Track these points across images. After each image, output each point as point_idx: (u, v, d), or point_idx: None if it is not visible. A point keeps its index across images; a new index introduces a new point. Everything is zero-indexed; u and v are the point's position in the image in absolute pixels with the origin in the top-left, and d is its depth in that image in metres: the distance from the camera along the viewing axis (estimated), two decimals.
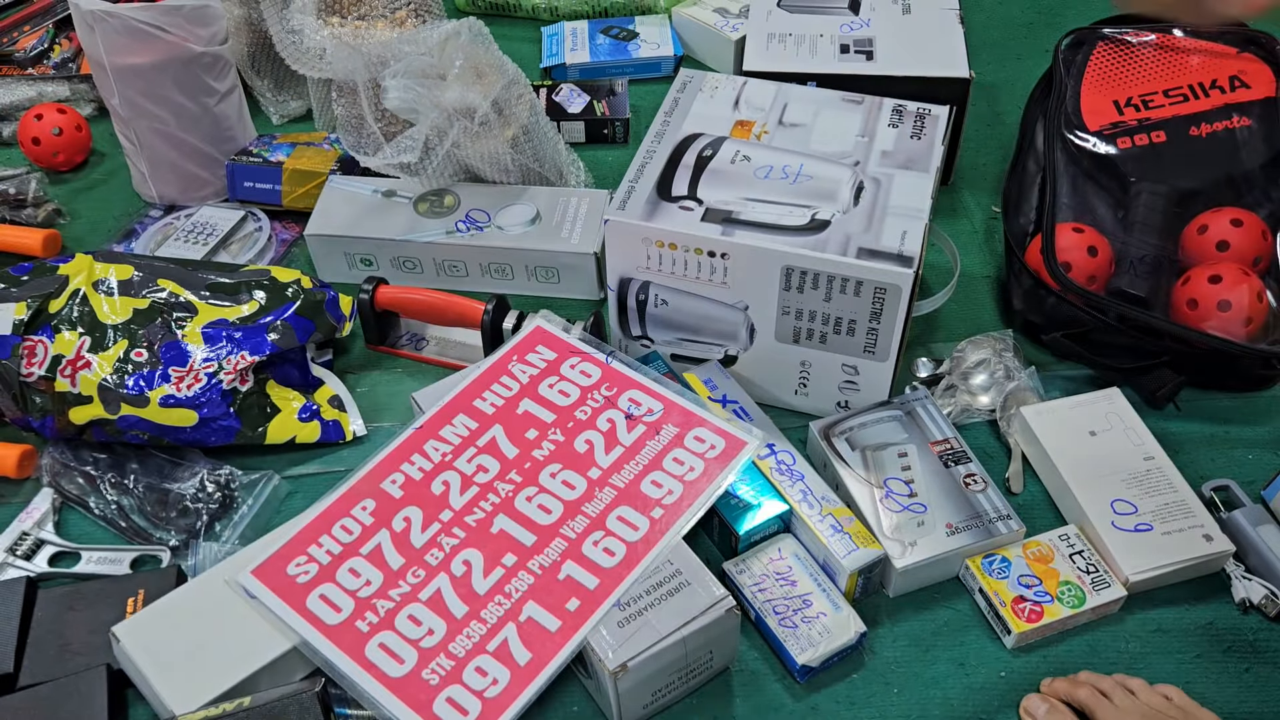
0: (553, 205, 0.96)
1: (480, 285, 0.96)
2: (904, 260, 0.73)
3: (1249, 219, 0.86)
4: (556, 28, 1.25)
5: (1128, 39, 0.96)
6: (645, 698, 0.65)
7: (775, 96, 0.88)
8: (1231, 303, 0.81)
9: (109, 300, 0.82)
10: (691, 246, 0.77)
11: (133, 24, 0.92)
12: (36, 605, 0.71)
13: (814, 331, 0.79)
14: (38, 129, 1.07)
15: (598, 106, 1.12)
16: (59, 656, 0.68)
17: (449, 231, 0.94)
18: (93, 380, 0.78)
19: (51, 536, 0.77)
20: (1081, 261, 0.85)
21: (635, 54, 1.20)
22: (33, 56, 1.18)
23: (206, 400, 0.79)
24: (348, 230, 0.95)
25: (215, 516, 0.78)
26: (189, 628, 0.66)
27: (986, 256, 0.99)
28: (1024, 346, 0.89)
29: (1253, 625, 0.72)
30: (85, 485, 0.80)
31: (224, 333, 0.82)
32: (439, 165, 0.94)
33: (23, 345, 0.79)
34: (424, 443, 0.74)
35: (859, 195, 0.79)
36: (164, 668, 0.64)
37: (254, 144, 1.05)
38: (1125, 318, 0.84)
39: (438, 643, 0.64)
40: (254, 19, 1.09)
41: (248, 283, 0.85)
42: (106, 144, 1.11)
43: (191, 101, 0.99)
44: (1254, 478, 0.80)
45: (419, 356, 0.91)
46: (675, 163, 0.82)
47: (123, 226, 1.04)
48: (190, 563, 0.75)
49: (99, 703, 0.65)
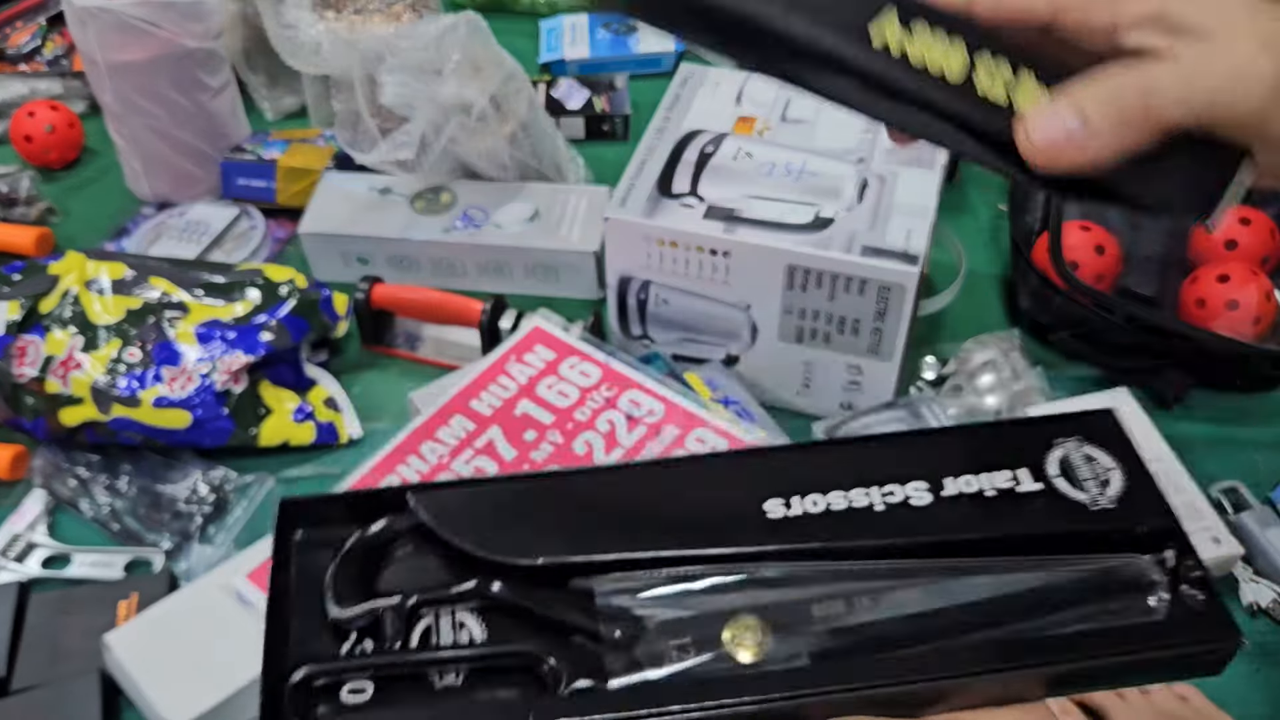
0: (551, 202, 0.95)
1: (478, 284, 0.95)
2: (909, 259, 0.73)
3: (1257, 217, 0.85)
4: (555, 22, 1.24)
5: None
6: None
7: (778, 92, 0.87)
8: (1240, 302, 0.80)
9: (101, 299, 0.81)
10: (693, 245, 0.76)
11: (126, 20, 0.91)
12: (29, 609, 0.70)
13: (817, 331, 0.78)
14: (30, 126, 1.06)
15: (597, 102, 1.11)
16: (51, 661, 0.68)
17: (446, 229, 0.93)
18: (84, 381, 0.77)
19: (44, 539, 0.76)
20: (1089, 260, 0.84)
21: (635, 49, 1.19)
22: (25, 53, 1.17)
23: (200, 401, 0.78)
24: (343, 228, 0.94)
25: (209, 519, 0.77)
26: (182, 636, 0.65)
27: (992, 255, 0.98)
28: (1030, 346, 0.88)
29: (1261, 628, 0.71)
30: (78, 487, 0.79)
31: (217, 333, 0.81)
32: (436, 162, 0.93)
33: (14, 345, 0.78)
34: (420, 444, 0.73)
35: (863, 193, 0.78)
36: (157, 676, 0.63)
37: (248, 141, 1.04)
38: (1133, 317, 0.83)
39: None
40: (248, 14, 1.08)
41: (241, 282, 0.84)
42: (99, 141, 1.10)
43: (185, 98, 0.98)
44: (1262, 479, 0.79)
45: (415, 356, 0.90)
46: (676, 159, 0.81)
47: (115, 225, 1.03)
48: (183, 566, 0.74)
49: (92, 708, 0.64)
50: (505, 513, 0.42)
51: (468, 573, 0.40)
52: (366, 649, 0.39)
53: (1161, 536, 0.41)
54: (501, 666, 0.39)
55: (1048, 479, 0.42)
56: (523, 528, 0.41)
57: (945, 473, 0.42)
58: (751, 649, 0.38)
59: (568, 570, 0.40)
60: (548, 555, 0.40)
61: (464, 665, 0.39)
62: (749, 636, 0.38)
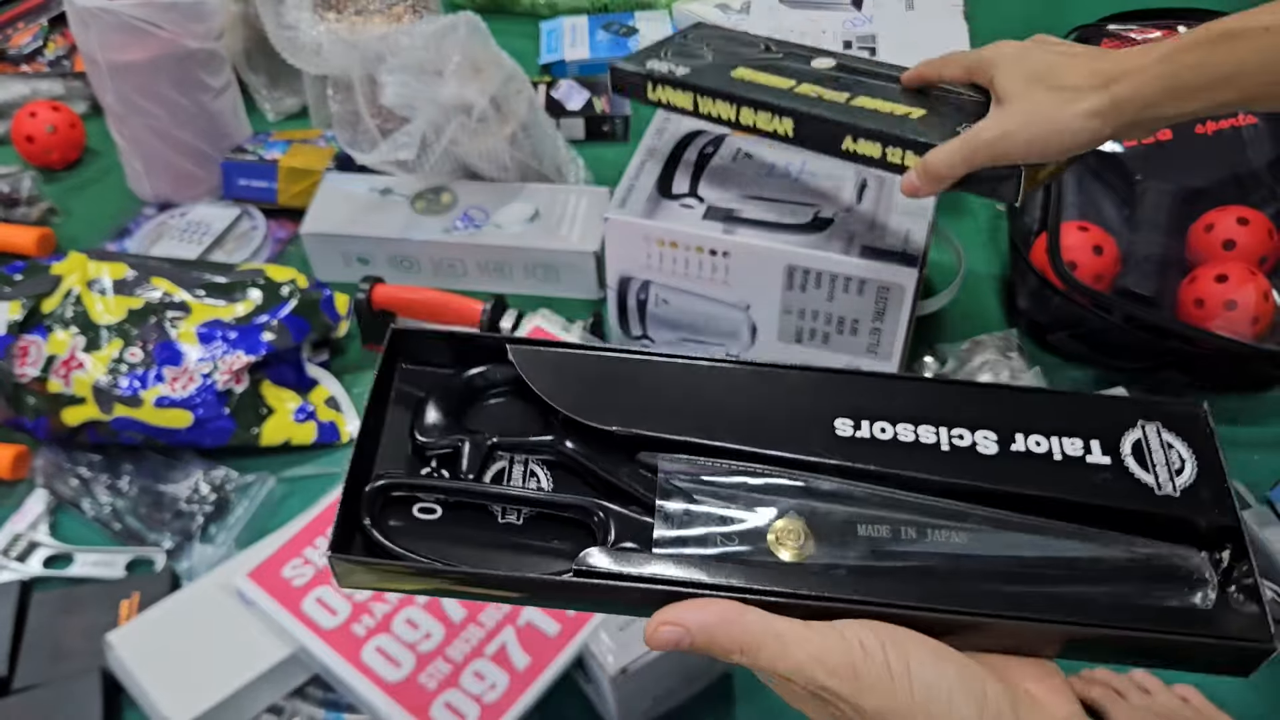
0: (552, 203, 0.95)
1: (478, 284, 0.95)
2: (908, 259, 0.73)
3: (1256, 217, 0.85)
4: (555, 23, 1.24)
5: (1132, 35, 0.95)
6: (645, 702, 0.64)
7: None
8: (1238, 302, 0.80)
9: (103, 300, 0.81)
10: (693, 245, 0.76)
11: (127, 20, 0.91)
12: (31, 608, 0.71)
13: (816, 331, 0.78)
14: (32, 126, 1.06)
15: (597, 103, 1.12)
16: (53, 660, 0.68)
17: (446, 229, 0.93)
18: (86, 381, 0.77)
19: (46, 539, 0.76)
20: (1087, 260, 0.84)
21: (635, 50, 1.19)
22: (27, 54, 1.17)
23: (201, 401, 0.78)
24: (344, 228, 0.94)
25: (210, 518, 0.77)
26: (183, 635, 0.66)
27: (991, 255, 0.98)
28: (1029, 346, 0.88)
29: None
30: (79, 487, 0.79)
31: (219, 333, 0.81)
32: (436, 162, 0.93)
33: (16, 345, 0.78)
34: None
35: (862, 193, 0.78)
36: (158, 675, 0.64)
37: (249, 141, 1.05)
38: (1131, 317, 0.83)
39: (435, 646, 0.63)
40: (249, 15, 1.08)
41: (243, 282, 0.85)
42: (101, 142, 1.10)
43: (186, 98, 0.98)
44: (1260, 479, 0.79)
45: None
46: (676, 160, 0.81)
47: (117, 225, 1.03)
48: (185, 565, 0.74)
49: (93, 707, 0.65)
50: (592, 380, 0.44)
51: (547, 428, 0.43)
52: (443, 475, 0.42)
53: (1220, 535, 0.41)
54: (559, 516, 0.42)
55: (1119, 455, 0.42)
56: (605, 396, 0.43)
57: (1017, 428, 0.43)
58: (793, 550, 0.40)
59: (638, 442, 0.42)
60: (622, 425, 0.42)
61: (526, 507, 0.42)
62: (792, 539, 0.40)
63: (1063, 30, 0.98)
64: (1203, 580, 0.40)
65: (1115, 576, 0.40)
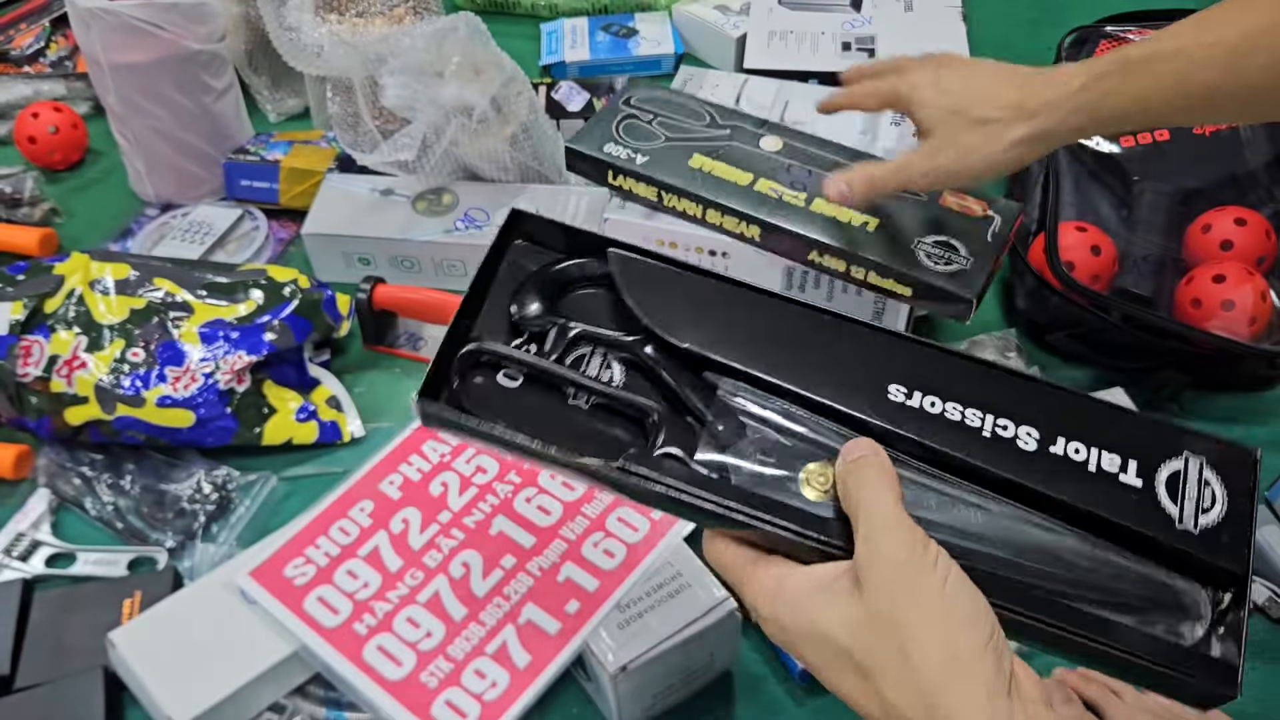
0: (552, 203, 0.95)
1: None
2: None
3: (1253, 218, 0.86)
4: (555, 25, 1.25)
5: (1130, 37, 0.96)
6: (645, 700, 0.65)
7: (777, 94, 0.87)
8: (1235, 302, 0.81)
9: (105, 300, 0.82)
10: (692, 245, 0.77)
11: (129, 21, 0.92)
12: (33, 607, 0.71)
13: None
14: (34, 127, 1.06)
15: (597, 104, 1.12)
16: (55, 659, 0.68)
17: (447, 230, 0.93)
18: (89, 380, 0.78)
19: (48, 538, 0.77)
20: (1085, 261, 0.85)
21: (635, 51, 1.20)
22: (29, 54, 1.18)
23: (203, 400, 0.78)
24: (345, 229, 0.94)
25: (212, 518, 0.77)
26: (186, 633, 0.66)
27: None
28: (1027, 346, 0.89)
29: (1256, 627, 0.71)
30: (82, 486, 0.79)
31: (221, 332, 0.81)
32: (437, 163, 0.93)
33: (19, 345, 0.78)
34: (422, 443, 0.73)
35: None
36: (161, 674, 0.64)
37: (251, 142, 1.05)
38: (1129, 317, 0.83)
39: (436, 645, 0.63)
40: (251, 16, 1.08)
41: (244, 282, 0.85)
42: (103, 142, 1.10)
43: (188, 99, 0.98)
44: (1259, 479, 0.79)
45: (417, 356, 0.91)
46: None
47: (119, 225, 1.03)
48: (187, 564, 0.74)
49: (96, 705, 0.65)
50: (678, 296, 0.48)
51: (630, 329, 0.48)
52: (530, 351, 0.48)
53: (1226, 579, 0.41)
54: (621, 411, 0.47)
55: (1152, 481, 0.43)
56: (687, 313, 0.47)
57: (1061, 431, 0.44)
58: (818, 491, 0.43)
59: (705, 362, 0.46)
60: (695, 344, 0.46)
61: (595, 396, 0.47)
62: (820, 481, 0.43)
63: (1060, 32, 0.98)
64: (1199, 616, 0.41)
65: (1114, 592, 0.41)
